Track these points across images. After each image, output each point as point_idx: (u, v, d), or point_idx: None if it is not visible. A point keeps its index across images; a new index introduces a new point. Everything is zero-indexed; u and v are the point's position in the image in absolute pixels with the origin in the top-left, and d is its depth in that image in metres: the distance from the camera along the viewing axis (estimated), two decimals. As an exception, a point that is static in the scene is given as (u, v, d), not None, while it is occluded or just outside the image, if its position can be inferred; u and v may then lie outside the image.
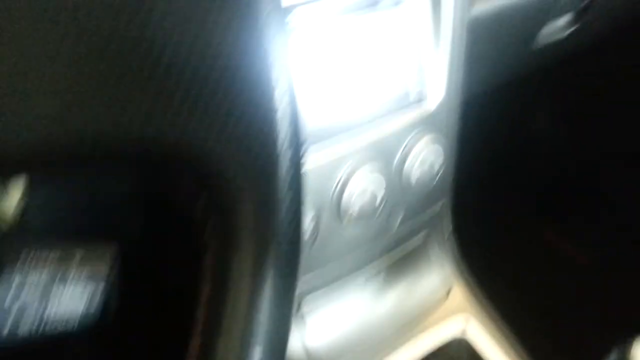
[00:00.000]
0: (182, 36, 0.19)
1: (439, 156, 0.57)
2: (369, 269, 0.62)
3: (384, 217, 0.58)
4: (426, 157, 0.55)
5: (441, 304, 0.67)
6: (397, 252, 0.64)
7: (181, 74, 0.20)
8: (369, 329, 0.64)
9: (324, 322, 0.61)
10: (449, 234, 0.69)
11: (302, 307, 0.58)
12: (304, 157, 0.23)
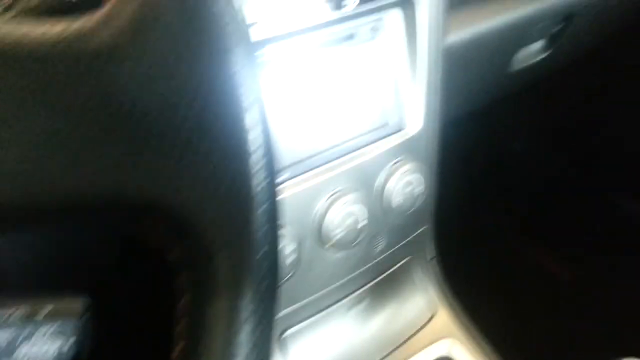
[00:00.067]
0: (153, 88, 0.19)
1: (419, 183, 0.57)
2: (353, 297, 0.62)
3: (366, 244, 0.58)
4: (406, 184, 0.56)
5: (426, 329, 0.67)
6: (381, 279, 0.64)
7: (152, 126, 0.19)
8: (354, 356, 0.63)
9: (308, 353, 0.60)
10: (432, 259, 0.69)
11: (285, 338, 0.57)
12: (279, 206, 0.23)
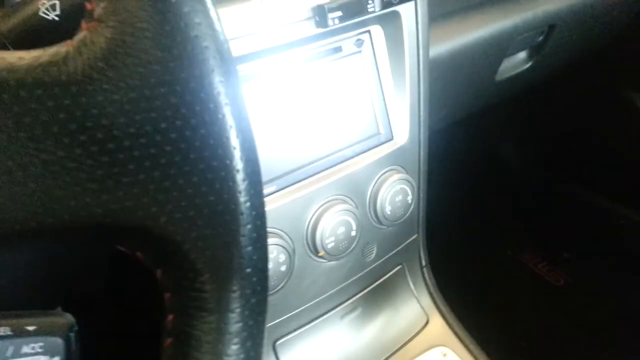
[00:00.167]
0: (131, 113, 0.19)
1: (409, 191, 0.58)
2: (346, 305, 0.62)
3: (357, 253, 0.58)
4: (396, 193, 0.57)
5: (419, 337, 0.67)
6: (373, 287, 0.64)
7: (131, 149, 0.19)
8: (348, 366, 0.63)
9: (301, 363, 0.60)
10: (425, 267, 0.70)
11: (278, 347, 0.57)
12: (265, 224, 0.22)
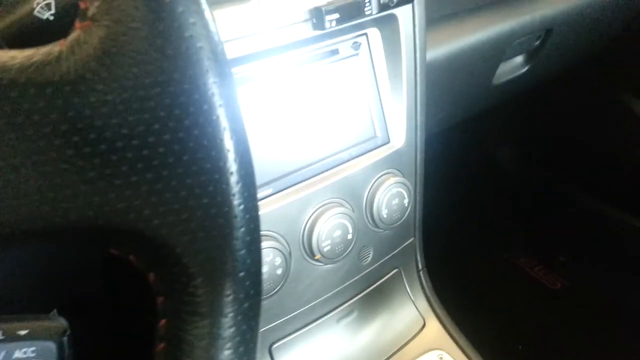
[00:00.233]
0: (123, 114, 0.19)
1: (406, 195, 0.58)
2: (342, 309, 0.62)
3: (354, 256, 0.58)
4: (393, 196, 0.57)
5: (415, 340, 0.67)
6: (370, 290, 0.64)
7: (124, 151, 0.19)
8: (344, 369, 0.63)
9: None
10: (421, 270, 0.70)
11: (274, 351, 0.57)
12: (259, 228, 0.22)
